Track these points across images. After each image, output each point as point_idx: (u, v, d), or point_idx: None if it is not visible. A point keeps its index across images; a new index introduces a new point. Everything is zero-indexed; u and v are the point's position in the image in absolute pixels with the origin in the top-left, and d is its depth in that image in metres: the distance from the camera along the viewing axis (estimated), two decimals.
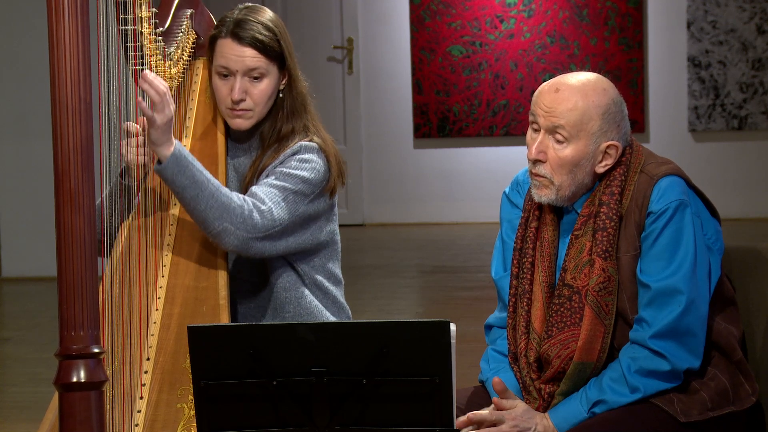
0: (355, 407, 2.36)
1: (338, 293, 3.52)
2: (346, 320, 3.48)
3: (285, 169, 3.31)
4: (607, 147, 2.92)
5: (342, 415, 2.36)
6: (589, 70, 3.03)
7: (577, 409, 2.90)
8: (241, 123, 3.38)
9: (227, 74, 3.35)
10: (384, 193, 10.62)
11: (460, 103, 10.37)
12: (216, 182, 3.20)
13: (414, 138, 10.52)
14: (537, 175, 2.94)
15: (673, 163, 2.97)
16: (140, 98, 3.09)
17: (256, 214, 3.21)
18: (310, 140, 3.37)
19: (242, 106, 3.35)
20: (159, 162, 3.15)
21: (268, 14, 3.39)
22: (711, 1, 10.05)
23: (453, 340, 2.36)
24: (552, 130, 2.91)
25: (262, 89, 3.35)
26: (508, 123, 10.34)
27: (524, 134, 10.65)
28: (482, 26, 10.30)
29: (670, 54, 10.20)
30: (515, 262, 3.04)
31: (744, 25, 10.06)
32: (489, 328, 3.19)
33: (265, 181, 3.30)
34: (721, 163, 10.16)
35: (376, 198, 10.63)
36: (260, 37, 3.32)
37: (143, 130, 3.18)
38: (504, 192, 3.16)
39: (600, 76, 2.96)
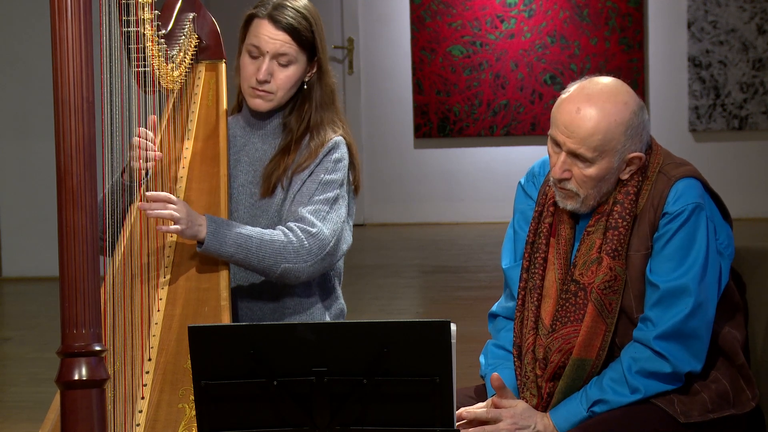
0: (356, 407, 2.37)
1: (340, 293, 3.54)
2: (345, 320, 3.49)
3: (324, 176, 3.35)
4: (632, 158, 2.91)
5: (342, 415, 2.37)
6: (589, 71, 3.00)
7: (577, 408, 2.90)
8: (260, 104, 3.41)
9: (257, 55, 3.37)
10: (384, 193, 10.63)
11: (460, 103, 10.38)
12: (257, 232, 3.24)
13: (414, 138, 10.53)
14: (563, 189, 2.93)
15: (691, 165, 2.97)
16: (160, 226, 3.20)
17: (306, 242, 3.26)
18: (339, 135, 3.41)
19: (265, 87, 3.38)
20: (200, 244, 3.21)
21: (304, 2, 3.42)
22: (711, 1, 10.05)
23: (453, 340, 2.36)
24: (575, 154, 2.89)
25: (288, 75, 3.38)
26: (509, 123, 10.34)
27: (525, 134, 10.59)
28: (483, 26, 10.30)
29: (670, 54, 10.20)
30: (526, 255, 3.03)
31: (744, 25, 10.06)
32: (494, 317, 3.18)
33: (308, 198, 3.33)
34: (722, 163, 10.17)
35: (376, 198, 10.63)
36: (296, 24, 3.35)
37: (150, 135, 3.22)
38: (519, 182, 3.14)
39: (620, 83, 2.91)
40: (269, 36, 3.35)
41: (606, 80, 2.92)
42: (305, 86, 3.42)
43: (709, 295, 2.89)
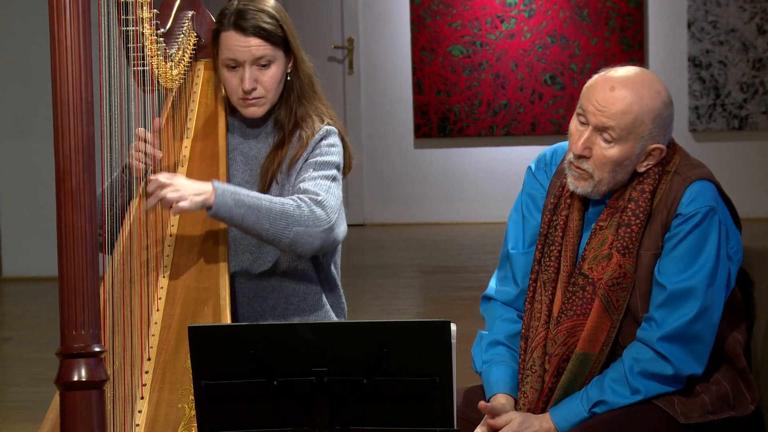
0: (356, 407, 2.37)
1: (342, 292, 3.54)
2: (345, 320, 3.48)
3: (319, 158, 3.35)
4: (652, 149, 2.91)
5: (342, 415, 2.37)
6: (590, 71, 3.00)
7: (578, 408, 2.90)
8: (255, 111, 3.40)
9: (235, 66, 3.36)
10: (384, 193, 10.62)
11: (460, 103, 10.37)
12: (265, 196, 3.23)
13: (414, 138, 10.52)
14: (578, 167, 2.93)
15: (706, 167, 2.96)
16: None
17: (315, 207, 3.24)
18: (328, 124, 3.40)
19: (254, 94, 3.37)
20: (209, 208, 3.18)
21: (267, 1, 3.40)
22: (711, 1, 10.05)
23: (453, 340, 2.36)
24: (601, 129, 2.88)
25: (272, 75, 3.37)
26: (509, 123, 10.33)
27: (525, 134, 10.57)
28: (483, 26, 10.30)
29: (670, 54, 10.20)
30: (539, 246, 3.02)
31: (744, 25, 10.06)
32: (488, 299, 3.15)
33: (306, 175, 3.32)
34: (722, 163, 10.16)
35: (376, 198, 10.63)
36: (263, 24, 3.33)
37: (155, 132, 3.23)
38: (529, 167, 3.12)
39: (653, 74, 2.93)
40: (241, 45, 3.33)
41: (641, 69, 2.94)
42: (288, 78, 3.42)
43: (716, 300, 2.87)
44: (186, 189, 3.15)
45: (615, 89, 2.87)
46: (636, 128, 2.87)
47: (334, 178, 3.33)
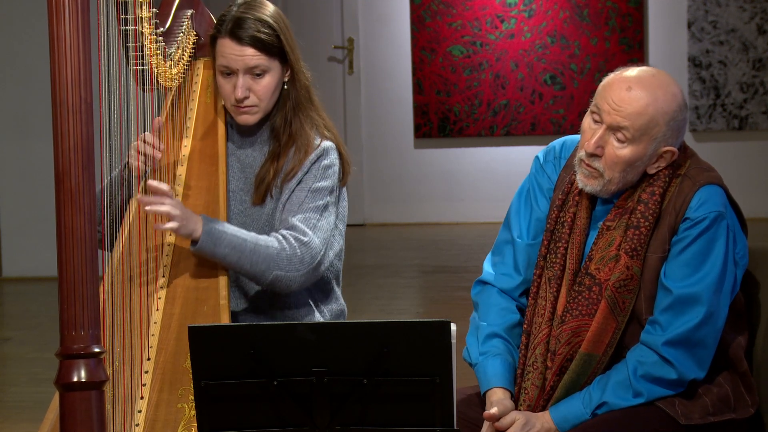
0: (356, 407, 2.36)
1: (340, 293, 3.53)
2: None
3: (313, 183, 3.33)
4: (664, 151, 2.90)
5: (342, 415, 2.36)
6: (590, 71, 2.99)
7: (580, 410, 2.89)
8: (247, 119, 3.39)
9: (229, 73, 3.35)
10: (384, 193, 10.62)
11: (460, 103, 10.37)
12: (252, 236, 3.23)
13: (414, 138, 10.52)
14: (589, 166, 2.92)
15: (716, 171, 2.96)
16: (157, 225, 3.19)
17: (299, 250, 3.24)
18: (325, 139, 3.38)
19: (247, 102, 3.36)
20: (194, 243, 3.19)
21: (267, 9, 3.38)
22: (712, 1, 10.05)
23: (453, 340, 2.36)
24: (615, 128, 2.87)
25: (265, 84, 3.35)
26: (509, 123, 10.33)
27: (525, 134, 10.54)
28: (483, 26, 10.30)
29: (670, 54, 10.20)
30: (545, 242, 3.01)
31: (744, 25, 10.06)
32: (483, 284, 3.12)
33: (298, 205, 3.31)
34: (722, 163, 10.12)
35: (376, 198, 10.63)
36: (259, 35, 3.31)
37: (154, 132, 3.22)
38: (537, 157, 3.10)
39: (670, 76, 2.92)
40: (235, 54, 3.32)
41: (657, 70, 2.93)
42: (285, 87, 3.41)
43: (722, 306, 2.87)
44: (182, 213, 3.16)
45: (632, 89, 2.86)
46: (650, 130, 2.86)
47: (325, 207, 3.32)
